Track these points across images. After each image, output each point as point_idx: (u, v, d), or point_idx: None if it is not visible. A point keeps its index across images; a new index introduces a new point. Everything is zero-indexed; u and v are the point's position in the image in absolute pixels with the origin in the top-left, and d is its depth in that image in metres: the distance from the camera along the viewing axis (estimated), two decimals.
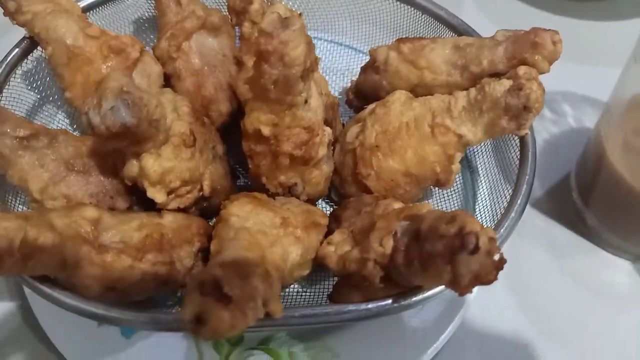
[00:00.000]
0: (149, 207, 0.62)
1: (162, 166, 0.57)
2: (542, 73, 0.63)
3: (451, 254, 0.44)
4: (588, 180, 0.77)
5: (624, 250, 0.77)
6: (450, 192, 0.77)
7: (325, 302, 0.65)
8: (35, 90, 0.77)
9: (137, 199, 0.65)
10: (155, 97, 0.55)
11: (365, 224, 0.57)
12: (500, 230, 0.59)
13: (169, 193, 0.60)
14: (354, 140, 0.68)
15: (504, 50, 0.64)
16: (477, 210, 0.73)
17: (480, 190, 0.75)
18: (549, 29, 0.64)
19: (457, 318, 0.66)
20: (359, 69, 0.80)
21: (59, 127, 0.77)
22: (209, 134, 0.65)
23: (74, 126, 0.79)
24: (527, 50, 0.63)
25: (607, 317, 0.73)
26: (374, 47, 0.74)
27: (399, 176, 0.66)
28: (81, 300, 0.52)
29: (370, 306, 0.53)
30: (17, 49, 0.71)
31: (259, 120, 0.59)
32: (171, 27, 0.73)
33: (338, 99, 0.78)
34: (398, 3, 0.83)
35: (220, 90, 0.73)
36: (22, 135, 0.59)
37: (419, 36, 0.75)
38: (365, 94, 0.77)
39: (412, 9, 0.82)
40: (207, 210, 0.67)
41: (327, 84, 0.75)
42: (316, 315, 0.53)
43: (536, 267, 0.77)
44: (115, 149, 0.59)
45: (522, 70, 0.61)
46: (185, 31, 0.72)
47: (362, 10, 0.88)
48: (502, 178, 0.71)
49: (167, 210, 0.61)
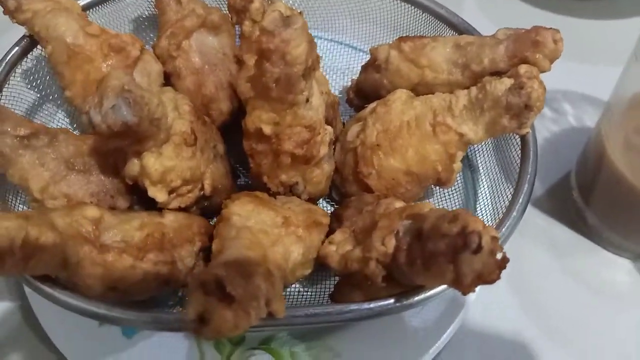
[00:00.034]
0: (150, 206, 0.62)
1: (163, 165, 0.57)
2: (543, 71, 0.63)
3: (454, 253, 0.44)
4: (588, 179, 0.77)
5: (624, 249, 0.77)
6: (451, 191, 0.77)
7: (327, 301, 0.65)
8: (35, 89, 0.77)
9: (137, 198, 0.64)
10: (156, 95, 0.54)
11: (367, 223, 0.57)
12: (502, 230, 0.59)
13: (170, 192, 0.60)
14: (355, 139, 0.68)
15: (505, 48, 0.64)
16: (478, 209, 0.73)
17: (481, 189, 0.75)
18: (550, 28, 0.64)
19: (458, 318, 0.66)
20: (359, 67, 0.79)
21: (59, 126, 0.77)
22: (210, 132, 0.65)
23: (74, 125, 0.78)
24: (528, 49, 0.63)
25: (607, 316, 0.73)
26: (375, 46, 0.74)
27: (400, 175, 0.66)
28: (83, 300, 0.52)
29: (372, 305, 0.53)
30: (17, 48, 0.71)
31: (260, 119, 0.59)
32: (171, 25, 0.72)
33: (338, 97, 0.78)
34: (398, 1, 0.83)
35: (221, 89, 0.73)
36: (22, 134, 0.59)
37: (419, 35, 0.75)
38: (365, 92, 0.76)
39: (413, 7, 0.81)
40: (207, 209, 0.67)
41: (328, 83, 0.75)
42: (318, 314, 0.53)
43: (537, 266, 0.77)
44: (116, 148, 0.59)
45: (523, 68, 0.61)
46: (185, 30, 0.72)
47: (362, 9, 0.88)
48: (503, 177, 0.71)
49: (168, 209, 0.61)
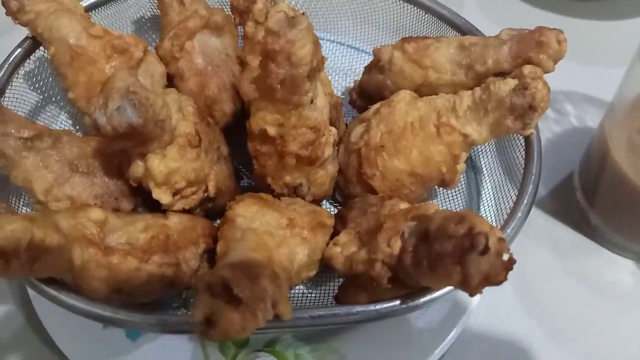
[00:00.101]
0: (154, 208, 0.62)
1: (167, 167, 0.57)
2: (547, 72, 0.63)
3: (461, 255, 0.43)
4: (592, 180, 0.77)
5: (628, 249, 0.77)
6: (455, 192, 0.77)
7: (331, 303, 0.65)
8: (37, 91, 0.77)
9: (141, 200, 0.64)
10: (161, 97, 0.54)
11: (372, 224, 0.57)
12: (507, 231, 0.59)
13: (174, 194, 0.60)
14: (359, 140, 0.68)
15: (508, 49, 0.64)
16: (481, 210, 0.73)
17: (484, 190, 0.75)
18: (554, 28, 0.64)
19: (463, 319, 0.66)
20: (362, 68, 0.79)
21: (62, 128, 0.77)
22: (213, 134, 0.65)
23: (77, 127, 0.78)
24: (532, 49, 0.63)
25: (611, 316, 0.73)
26: (378, 47, 0.74)
27: (404, 176, 0.66)
28: (88, 302, 0.52)
29: (378, 307, 0.53)
30: (19, 49, 0.70)
31: (265, 120, 0.59)
32: (174, 26, 0.72)
33: (341, 99, 0.78)
34: (401, 2, 0.82)
35: (224, 90, 0.73)
36: (26, 136, 0.59)
37: (422, 35, 0.75)
38: (369, 93, 0.76)
39: (415, 8, 0.81)
40: (211, 211, 0.67)
41: (330, 84, 0.75)
42: (324, 316, 0.53)
43: (540, 267, 0.77)
44: (121, 150, 0.58)
45: (527, 69, 0.61)
46: (188, 31, 0.71)
47: (365, 10, 0.88)
48: (506, 178, 0.71)
49: (172, 211, 0.61)
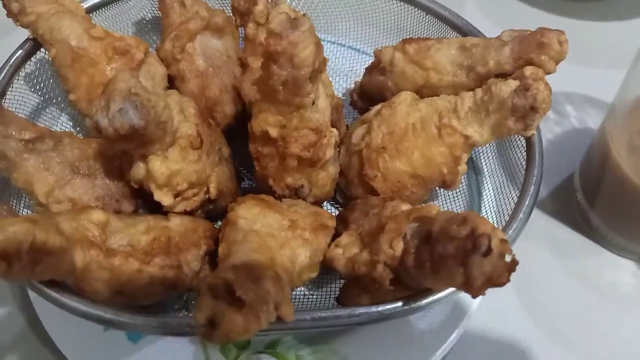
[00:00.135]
0: (155, 209, 0.62)
1: (169, 168, 0.57)
2: (549, 73, 0.63)
3: (463, 256, 0.43)
4: (592, 181, 0.77)
5: (628, 250, 0.77)
6: (456, 193, 0.77)
7: (333, 304, 0.65)
8: (38, 93, 0.76)
9: (142, 202, 0.64)
10: (162, 98, 0.54)
11: (374, 226, 0.57)
12: (509, 232, 0.58)
13: (176, 196, 0.60)
14: (360, 142, 0.68)
15: (510, 50, 0.64)
16: (482, 211, 0.73)
17: (485, 191, 0.75)
18: (555, 29, 0.64)
19: (464, 320, 0.66)
20: (363, 70, 0.79)
21: (63, 130, 0.76)
22: (215, 135, 0.65)
23: (77, 128, 0.78)
24: (533, 51, 0.63)
25: (611, 317, 0.73)
26: (379, 48, 0.74)
27: (405, 177, 0.66)
28: (90, 305, 0.52)
29: (380, 309, 0.53)
30: (20, 51, 0.70)
31: (267, 121, 0.58)
32: (175, 28, 0.72)
33: (342, 100, 0.77)
34: (401, 4, 0.82)
35: (225, 91, 0.73)
36: (27, 138, 0.59)
37: (423, 37, 0.74)
38: (370, 94, 0.76)
39: (416, 9, 0.81)
40: (212, 212, 0.67)
41: (331, 85, 0.75)
42: (326, 318, 0.53)
43: (540, 268, 0.77)
44: (122, 151, 0.58)
45: (528, 70, 0.61)
46: (189, 32, 0.71)
47: (365, 11, 0.88)
48: (507, 179, 0.71)
49: (173, 213, 0.61)
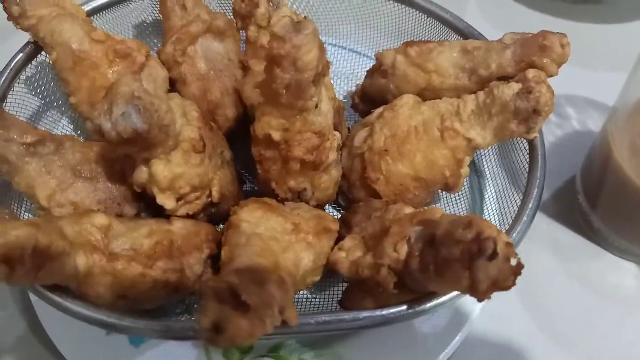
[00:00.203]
0: (157, 213, 0.62)
1: (172, 172, 0.57)
2: (551, 76, 0.63)
3: (469, 260, 0.43)
4: (594, 183, 0.77)
5: (630, 253, 0.77)
6: (458, 196, 0.77)
7: (336, 308, 0.65)
8: (39, 96, 0.76)
9: (144, 206, 0.64)
10: (165, 102, 0.54)
11: (377, 229, 0.57)
12: (513, 235, 0.58)
13: (179, 199, 0.59)
14: (363, 145, 0.68)
15: (512, 53, 0.64)
16: (485, 213, 0.72)
17: (487, 194, 0.75)
18: (557, 32, 0.64)
19: (468, 324, 0.66)
20: (364, 72, 0.79)
21: (64, 133, 0.76)
22: (217, 139, 0.65)
23: (78, 132, 0.78)
24: (535, 54, 0.63)
25: (614, 320, 0.73)
26: (381, 51, 0.74)
27: (408, 181, 0.65)
28: (93, 309, 0.51)
29: (384, 313, 0.52)
30: (21, 54, 0.70)
31: (270, 125, 0.58)
32: (177, 31, 0.72)
33: (343, 103, 0.77)
34: (403, 6, 0.82)
35: (227, 95, 0.73)
36: (29, 141, 0.59)
37: (424, 40, 0.74)
38: (371, 97, 0.76)
39: (417, 12, 0.81)
40: (215, 216, 0.67)
41: (333, 88, 0.75)
42: (331, 322, 0.53)
43: (542, 271, 0.77)
44: (124, 155, 0.58)
45: (531, 73, 0.61)
46: (191, 35, 0.71)
47: (366, 14, 0.88)
48: (510, 181, 0.71)
49: (176, 216, 0.61)
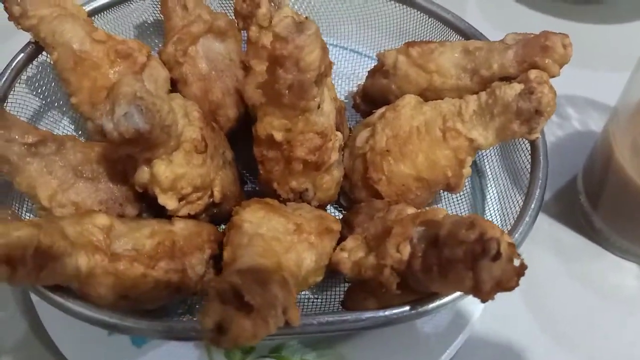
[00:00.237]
0: (158, 213, 0.62)
1: (173, 172, 0.57)
2: (553, 77, 0.63)
3: (473, 260, 0.43)
4: (596, 183, 0.77)
5: (632, 253, 0.77)
6: (459, 196, 0.77)
7: (338, 308, 0.65)
8: (39, 96, 0.76)
9: (146, 206, 0.64)
10: (167, 102, 0.54)
11: (379, 229, 0.57)
12: (515, 235, 0.58)
13: (180, 200, 0.59)
14: (364, 145, 0.68)
15: (514, 53, 0.64)
16: (486, 213, 0.72)
17: (489, 194, 0.75)
18: (559, 33, 0.64)
19: (470, 324, 0.66)
20: (365, 72, 0.79)
21: (64, 133, 0.76)
22: (218, 139, 0.65)
23: (79, 132, 0.77)
24: (537, 54, 0.63)
25: (615, 320, 0.73)
26: (382, 51, 0.74)
27: (410, 181, 0.65)
28: (95, 309, 0.51)
29: (387, 313, 0.52)
30: (22, 54, 0.70)
31: (272, 125, 0.58)
32: (177, 31, 0.72)
33: (344, 103, 0.77)
34: (404, 7, 0.82)
35: (228, 95, 0.73)
36: (30, 141, 0.58)
37: (426, 40, 0.74)
38: (373, 97, 0.76)
39: (419, 12, 0.81)
40: (216, 216, 0.67)
41: (334, 88, 0.75)
42: (334, 322, 0.52)
43: (544, 271, 0.77)
44: (125, 155, 0.58)
45: (533, 73, 0.61)
46: (192, 35, 0.71)
47: (367, 14, 0.88)
48: (511, 181, 0.71)
49: (177, 217, 0.61)
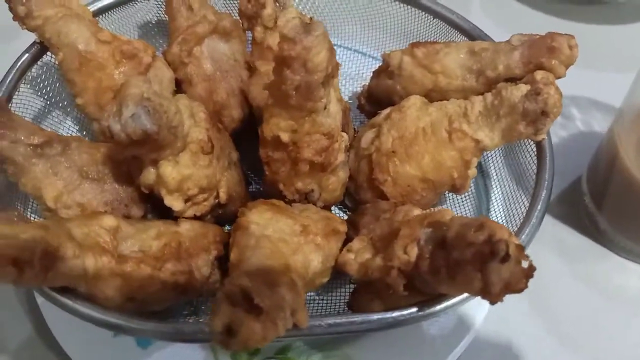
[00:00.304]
0: (163, 214, 0.62)
1: (180, 173, 0.57)
2: (559, 78, 0.63)
3: (481, 262, 0.43)
4: (600, 184, 0.77)
5: (636, 254, 0.77)
6: (464, 197, 0.77)
7: (343, 309, 0.65)
8: (44, 97, 0.76)
9: (151, 207, 0.64)
10: (174, 103, 0.54)
11: (385, 231, 0.57)
12: (522, 237, 0.58)
13: (186, 201, 0.59)
14: (370, 146, 0.67)
15: (520, 54, 0.64)
16: (491, 214, 0.72)
17: (493, 195, 0.75)
18: (565, 34, 0.63)
19: (475, 325, 0.66)
20: (370, 73, 0.79)
21: (69, 134, 0.76)
22: (224, 140, 0.65)
23: (84, 132, 0.77)
24: (543, 55, 0.63)
25: (619, 321, 0.73)
26: (387, 52, 0.74)
27: (415, 182, 0.65)
28: (102, 311, 0.51)
29: (395, 314, 0.52)
30: (26, 54, 0.70)
31: (279, 126, 0.58)
32: (182, 32, 0.72)
33: (349, 104, 0.77)
34: (408, 7, 0.82)
35: (232, 95, 0.73)
36: (35, 142, 0.58)
37: (431, 40, 0.74)
38: (378, 98, 0.76)
39: (423, 13, 0.81)
40: (221, 217, 0.66)
41: (339, 89, 0.75)
42: (342, 324, 0.52)
43: (548, 272, 0.77)
44: (131, 156, 0.58)
45: (539, 74, 0.61)
46: (196, 36, 0.71)
47: (372, 15, 0.88)
48: (516, 182, 0.71)
49: (183, 218, 0.60)
